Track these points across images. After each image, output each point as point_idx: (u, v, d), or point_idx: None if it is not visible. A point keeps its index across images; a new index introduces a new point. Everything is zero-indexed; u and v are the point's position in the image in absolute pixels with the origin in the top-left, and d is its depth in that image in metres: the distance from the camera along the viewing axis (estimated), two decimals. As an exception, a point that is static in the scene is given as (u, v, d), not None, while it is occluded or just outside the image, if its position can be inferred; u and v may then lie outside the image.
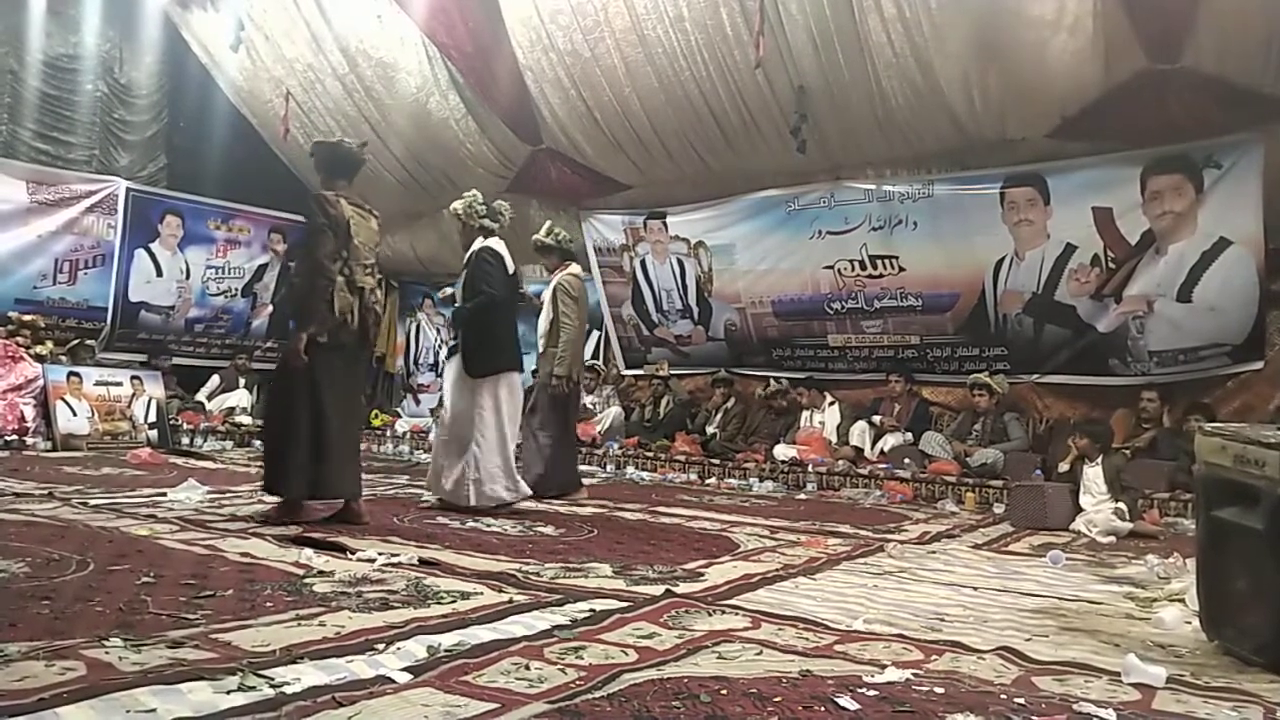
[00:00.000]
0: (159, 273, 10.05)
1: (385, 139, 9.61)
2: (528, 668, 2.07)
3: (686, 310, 9.25)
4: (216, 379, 10.12)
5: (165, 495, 4.99)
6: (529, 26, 7.78)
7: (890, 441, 7.57)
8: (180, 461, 7.46)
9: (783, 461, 7.51)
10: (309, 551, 3.41)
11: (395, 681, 1.93)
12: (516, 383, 5.24)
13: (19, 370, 8.09)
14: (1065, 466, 5.73)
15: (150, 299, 10.01)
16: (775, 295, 8.57)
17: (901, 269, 7.79)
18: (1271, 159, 6.08)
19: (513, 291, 5.32)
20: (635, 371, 9.92)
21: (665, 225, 9.08)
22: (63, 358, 8.82)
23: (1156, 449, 6.46)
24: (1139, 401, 6.76)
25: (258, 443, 7.91)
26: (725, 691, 1.95)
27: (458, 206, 5.27)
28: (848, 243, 7.98)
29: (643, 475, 7.88)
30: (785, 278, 8.45)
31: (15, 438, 7.67)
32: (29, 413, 7.94)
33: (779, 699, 1.92)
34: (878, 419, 7.80)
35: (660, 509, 5.55)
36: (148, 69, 10.36)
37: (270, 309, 10.80)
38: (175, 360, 10.04)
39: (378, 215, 4.49)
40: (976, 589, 3.44)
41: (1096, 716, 1.92)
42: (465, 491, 4.96)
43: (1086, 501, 5.47)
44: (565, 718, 1.77)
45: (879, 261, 7.89)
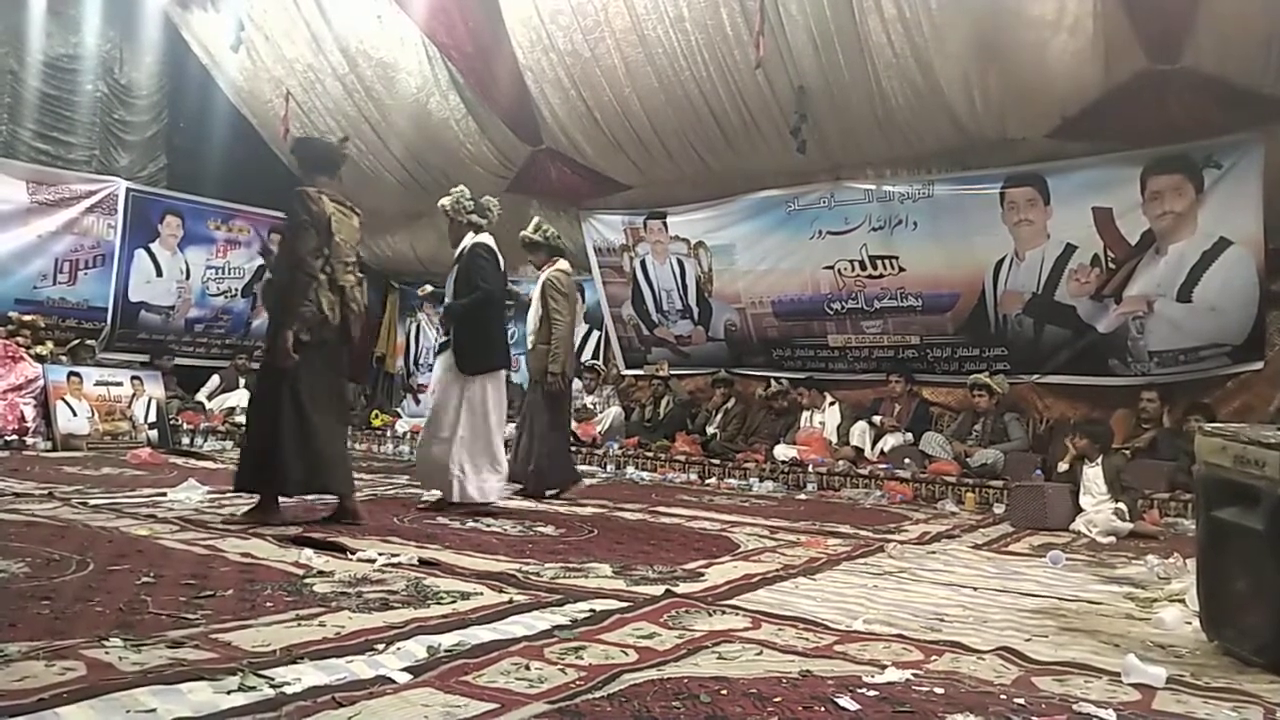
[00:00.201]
0: (159, 273, 10.07)
1: (385, 139, 9.62)
2: (528, 668, 2.07)
3: (686, 310, 9.25)
4: (216, 379, 10.12)
5: (165, 495, 4.99)
6: (529, 26, 7.78)
7: (890, 442, 7.57)
8: (180, 461, 7.47)
9: (783, 462, 7.51)
10: (309, 552, 3.41)
11: (395, 682, 1.93)
12: (503, 380, 5.22)
13: (19, 370, 8.09)
14: (1065, 467, 5.73)
15: (150, 299, 10.02)
16: (775, 295, 8.57)
17: (901, 269, 7.79)
18: (1271, 159, 6.08)
19: (504, 288, 5.31)
20: (635, 371, 9.93)
21: (665, 225, 9.07)
22: (63, 358, 8.82)
23: (1156, 449, 6.46)
24: (1139, 402, 6.76)
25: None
26: (725, 692, 1.95)
27: (445, 203, 5.25)
28: (848, 243, 7.98)
29: (643, 475, 7.88)
30: (785, 278, 8.45)
31: (15, 438, 7.67)
32: (29, 413, 7.94)
33: (779, 699, 1.92)
34: (878, 419, 7.80)
35: (660, 509, 5.55)
36: (148, 69, 10.37)
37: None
38: (176, 360, 10.04)
39: (360, 212, 4.45)
40: (976, 589, 3.44)
41: (1096, 717, 1.92)
42: (450, 489, 4.92)
43: (1086, 502, 5.47)
44: (565, 718, 1.77)
45: (879, 262, 7.89)
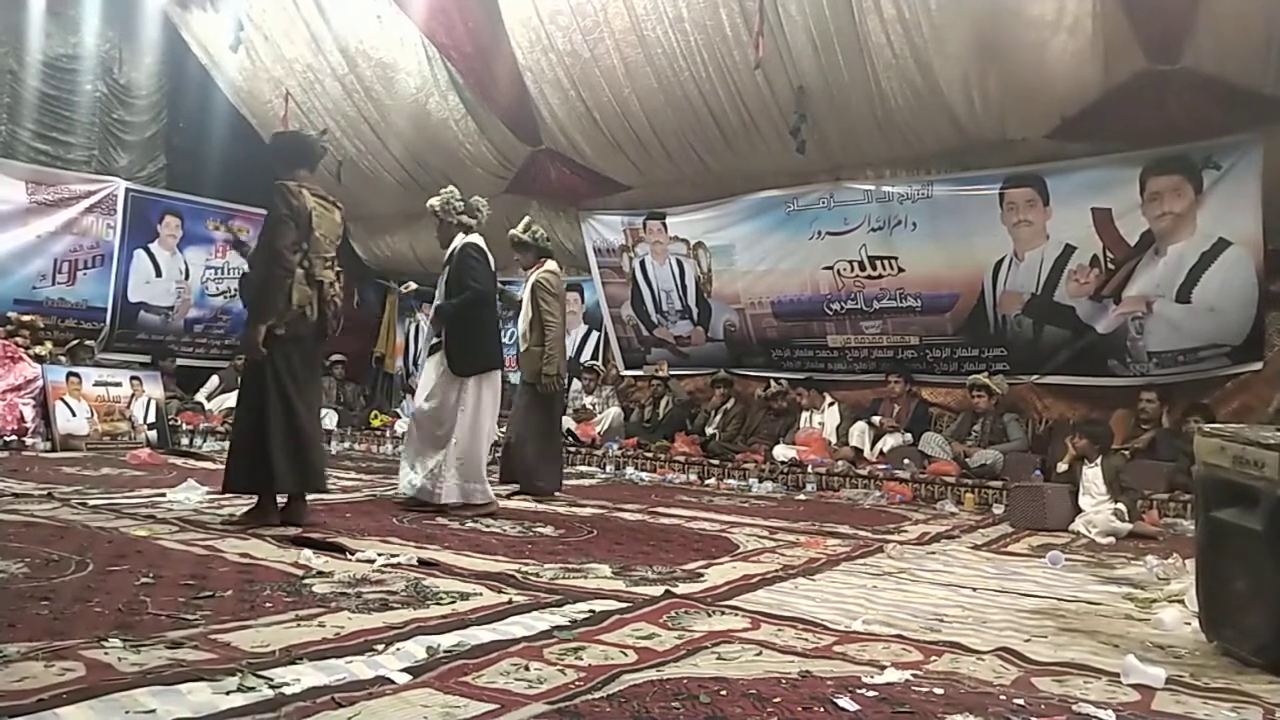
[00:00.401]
0: (158, 273, 10.07)
1: (385, 139, 9.63)
2: (527, 668, 2.07)
3: (686, 311, 9.26)
4: (216, 379, 10.12)
5: (164, 496, 4.99)
6: (529, 27, 7.78)
7: (890, 442, 7.57)
8: (179, 462, 7.46)
9: (782, 462, 7.51)
10: (308, 552, 3.41)
11: (395, 682, 1.93)
12: (497, 380, 5.19)
13: (18, 370, 8.09)
14: (1064, 467, 5.73)
15: (149, 299, 10.02)
16: (774, 296, 8.57)
17: (901, 270, 7.80)
18: (1271, 160, 6.08)
19: (495, 288, 5.30)
20: (635, 372, 9.93)
21: (665, 226, 9.08)
22: (62, 358, 8.81)
23: (1156, 450, 6.46)
24: (1138, 402, 6.76)
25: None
26: (725, 692, 1.95)
27: (434, 203, 5.22)
28: (847, 243, 7.98)
29: (642, 476, 7.87)
30: (784, 278, 8.45)
31: (14, 438, 7.66)
32: (28, 413, 7.93)
33: (778, 700, 1.92)
34: (877, 419, 7.80)
35: (660, 510, 5.54)
36: (147, 69, 10.37)
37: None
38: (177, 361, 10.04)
39: (341, 208, 4.43)
40: (976, 590, 3.44)
41: (1095, 717, 1.92)
42: (438, 490, 4.86)
43: (1086, 502, 5.47)
44: (565, 718, 1.77)
45: (878, 262, 7.89)
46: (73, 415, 8.24)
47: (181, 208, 10.16)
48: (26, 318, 8.91)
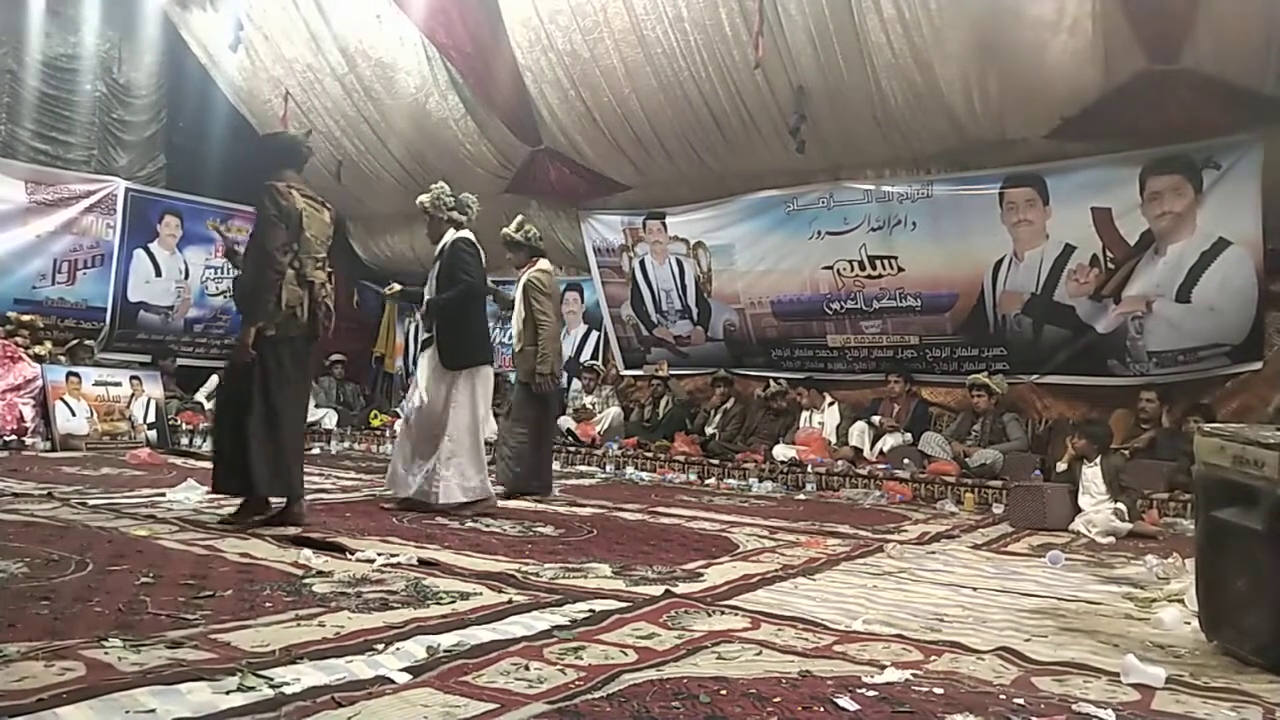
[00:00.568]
0: (158, 273, 10.06)
1: (385, 139, 9.63)
2: (527, 668, 2.07)
3: (686, 311, 9.25)
4: (216, 379, 10.09)
5: (164, 495, 4.99)
6: (529, 27, 7.78)
7: (889, 442, 7.57)
8: (179, 462, 7.46)
9: (782, 462, 7.51)
10: (308, 552, 3.41)
11: (395, 682, 1.93)
12: (489, 376, 5.18)
13: (18, 370, 8.09)
14: (1064, 467, 5.74)
15: (149, 299, 10.01)
16: (774, 296, 8.57)
17: (900, 269, 7.79)
18: (1270, 160, 6.08)
19: (485, 282, 5.29)
20: (634, 372, 9.92)
21: (664, 225, 9.07)
22: (62, 358, 8.82)
23: (1155, 449, 6.46)
24: (1138, 402, 6.76)
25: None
26: (725, 692, 1.95)
27: (424, 200, 5.20)
28: (847, 243, 7.98)
29: (642, 475, 7.87)
30: (784, 278, 8.45)
31: (14, 438, 7.67)
32: (28, 413, 7.93)
33: (778, 699, 1.92)
34: (877, 419, 7.80)
35: (660, 509, 5.55)
36: (147, 69, 10.35)
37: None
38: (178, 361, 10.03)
39: (331, 208, 4.42)
40: (976, 589, 3.44)
41: (1095, 717, 1.92)
42: (435, 489, 4.84)
43: (1085, 502, 5.47)
44: (565, 718, 1.77)
45: (878, 262, 7.89)
46: (72, 415, 8.24)
47: (181, 207, 10.15)
48: (26, 317, 8.90)
